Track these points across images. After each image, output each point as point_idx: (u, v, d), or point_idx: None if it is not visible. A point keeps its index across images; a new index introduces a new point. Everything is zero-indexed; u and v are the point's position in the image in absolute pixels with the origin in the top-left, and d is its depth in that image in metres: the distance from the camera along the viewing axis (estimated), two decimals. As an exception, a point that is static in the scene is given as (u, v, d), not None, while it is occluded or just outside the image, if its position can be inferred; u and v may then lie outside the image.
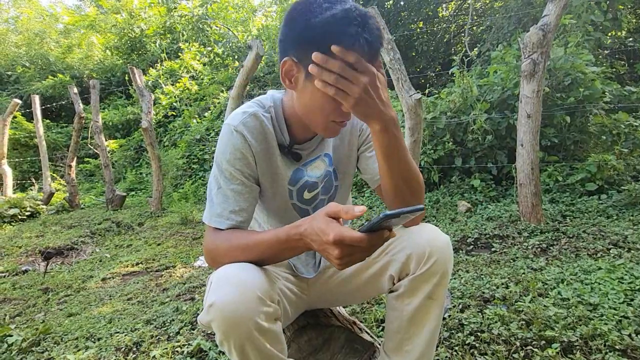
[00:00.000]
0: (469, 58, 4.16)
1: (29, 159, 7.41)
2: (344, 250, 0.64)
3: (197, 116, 6.83)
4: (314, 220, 0.69)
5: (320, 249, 0.67)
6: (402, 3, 7.27)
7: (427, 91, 4.41)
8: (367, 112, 0.75)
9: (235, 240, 0.79)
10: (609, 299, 1.45)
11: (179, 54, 8.35)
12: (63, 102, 8.21)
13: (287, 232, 0.73)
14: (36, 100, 5.61)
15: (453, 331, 1.38)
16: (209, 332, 1.54)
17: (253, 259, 0.76)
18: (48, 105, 7.97)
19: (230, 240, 0.79)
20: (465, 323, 1.41)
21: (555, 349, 1.19)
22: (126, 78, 8.21)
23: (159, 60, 8.42)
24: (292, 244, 0.73)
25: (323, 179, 0.95)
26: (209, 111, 6.79)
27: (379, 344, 1.09)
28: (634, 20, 5.55)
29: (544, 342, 1.25)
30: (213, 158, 0.87)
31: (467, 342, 1.30)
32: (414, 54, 7.32)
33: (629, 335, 1.22)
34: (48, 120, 8.22)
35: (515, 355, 1.20)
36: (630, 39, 4.99)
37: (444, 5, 7.73)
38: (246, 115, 0.85)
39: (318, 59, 0.70)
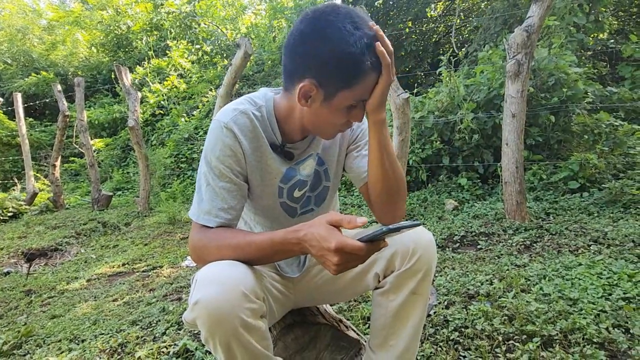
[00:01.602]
0: (456, 58, 4.21)
1: (11, 158, 7.22)
2: (343, 258, 0.67)
3: (185, 115, 6.75)
4: (313, 226, 0.70)
5: (319, 255, 0.69)
6: (391, 2, 7.31)
7: (415, 91, 4.45)
8: (386, 97, 0.81)
9: (226, 239, 0.78)
10: (588, 294, 1.49)
11: (167, 51, 8.23)
12: (47, 100, 8.02)
13: (283, 235, 0.74)
14: (18, 98, 5.48)
15: (438, 327, 1.40)
16: (194, 330, 1.54)
17: (243, 259, 0.76)
18: (31, 103, 7.77)
19: (220, 238, 0.79)
20: (450, 319, 1.43)
21: (536, 342, 1.22)
22: (112, 76, 8.07)
23: (146, 58, 8.30)
24: (288, 247, 0.74)
25: (311, 177, 0.96)
26: (198, 110, 6.73)
27: (365, 341, 1.10)
28: (615, 23, 5.69)
29: (525, 336, 1.28)
30: (203, 154, 0.86)
31: (451, 337, 1.32)
32: (403, 53, 7.36)
33: (606, 329, 1.26)
34: (31, 119, 8.02)
35: (498, 350, 1.23)
36: (612, 41, 5.12)
37: (432, 5, 7.80)
38: (237, 113, 0.85)
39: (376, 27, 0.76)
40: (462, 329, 1.37)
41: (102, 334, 1.65)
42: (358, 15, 0.75)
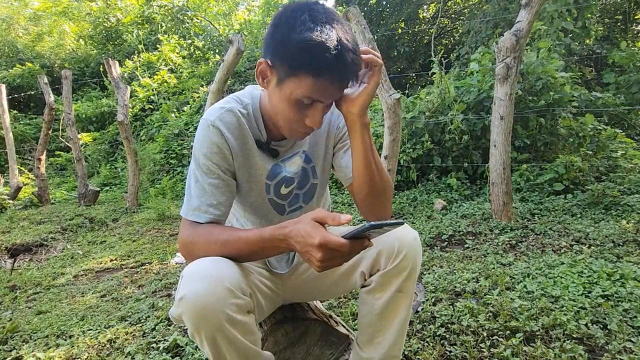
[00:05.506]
0: (447, 60, 4.27)
1: (-6, 151, 7.02)
2: (326, 254, 0.67)
3: (175, 110, 6.67)
4: (299, 223, 0.71)
5: (303, 251, 0.70)
6: (384, 2, 7.35)
7: (407, 91, 4.49)
8: (367, 105, 0.83)
9: (215, 235, 0.79)
10: (569, 292, 1.55)
11: (158, 45, 8.11)
12: (32, 92, 7.83)
13: (271, 232, 0.74)
14: (2, 89, 5.33)
15: (425, 323, 1.44)
16: (180, 325, 1.54)
17: (231, 255, 0.77)
18: (16, 95, 7.57)
19: (210, 234, 0.80)
20: (437, 316, 1.47)
21: (519, 338, 1.27)
22: (101, 69, 7.91)
23: (136, 52, 8.16)
24: (275, 243, 0.74)
25: (299, 174, 0.97)
26: (188, 105, 6.65)
27: (354, 337, 1.12)
28: (601, 29, 5.84)
29: (509, 332, 1.32)
30: (192, 153, 0.88)
31: (438, 333, 1.36)
32: (395, 54, 7.42)
33: (585, 325, 1.31)
34: (15, 111, 7.81)
35: (482, 345, 1.27)
36: (597, 47, 5.26)
37: (424, 7, 7.87)
38: (223, 111, 0.86)
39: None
40: (449, 325, 1.40)
41: (90, 329, 1.63)
42: (328, 14, 0.73)
